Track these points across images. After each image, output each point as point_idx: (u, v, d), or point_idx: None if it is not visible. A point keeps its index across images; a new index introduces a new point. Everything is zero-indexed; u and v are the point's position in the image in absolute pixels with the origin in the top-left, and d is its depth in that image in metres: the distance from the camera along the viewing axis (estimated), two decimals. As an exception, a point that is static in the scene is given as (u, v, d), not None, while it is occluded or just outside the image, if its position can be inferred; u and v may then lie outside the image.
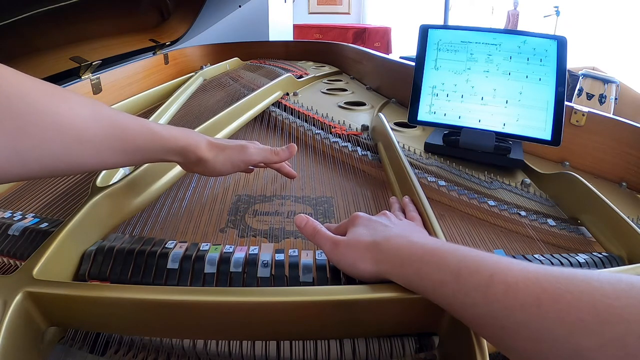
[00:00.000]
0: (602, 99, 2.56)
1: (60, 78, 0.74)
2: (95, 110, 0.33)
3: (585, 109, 0.69)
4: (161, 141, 0.39)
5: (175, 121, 0.76)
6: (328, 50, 1.44)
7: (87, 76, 0.78)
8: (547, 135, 0.61)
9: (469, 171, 0.61)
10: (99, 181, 0.45)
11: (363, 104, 0.92)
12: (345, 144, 0.67)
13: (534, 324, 0.22)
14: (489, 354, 0.27)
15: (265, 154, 0.48)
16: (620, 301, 0.20)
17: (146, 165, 0.48)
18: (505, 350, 0.25)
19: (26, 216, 0.43)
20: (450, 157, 0.66)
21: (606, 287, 0.21)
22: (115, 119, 0.34)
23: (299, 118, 0.77)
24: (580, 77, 2.70)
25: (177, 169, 0.54)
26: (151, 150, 0.38)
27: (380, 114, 0.70)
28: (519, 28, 4.29)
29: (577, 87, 2.71)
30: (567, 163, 0.71)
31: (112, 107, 0.75)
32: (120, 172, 0.52)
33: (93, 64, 0.79)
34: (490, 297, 0.24)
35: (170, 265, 0.35)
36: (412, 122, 0.69)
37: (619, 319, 0.19)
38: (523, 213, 0.51)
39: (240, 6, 1.28)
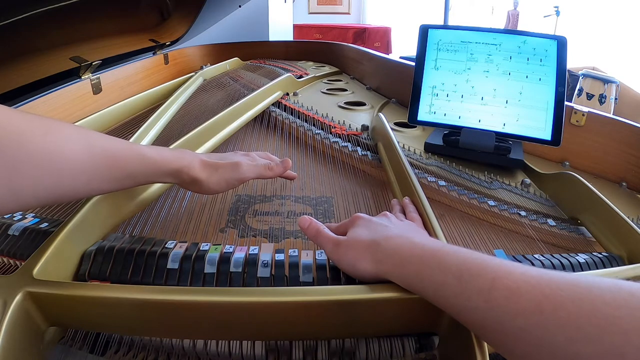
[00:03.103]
0: (602, 99, 2.56)
1: (60, 78, 0.74)
2: (89, 141, 0.33)
3: (585, 109, 0.69)
4: (154, 166, 0.39)
5: (175, 121, 0.76)
6: (328, 50, 1.44)
7: (87, 76, 0.78)
8: (547, 135, 0.61)
9: (469, 171, 0.61)
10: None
11: (363, 104, 0.92)
12: (345, 144, 0.67)
13: (535, 330, 0.22)
14: (489, 354, 0.27)
15: (259, 170, 0.48)
16: (621, 311, 0.20)
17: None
18: (505, 354, 0.25)
19: (26, 216, 0.43)
20: (450, 157, 0.66)
21: (607, 296, 0.21)
22: (107, 149, 0.34)
23: (299, 118, 0.77)
24: (580, 77, 2.69)
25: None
26: (144, 176, 0.39)
27: (380, 114, 0.70)
28: (519, 28, 4.29)
29: (577, 87, 2.71)
30: (567, 163, 0.71)
31: (112, 107, 0.76)
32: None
33: (93, 64, 0.79)
34: (492, 302, 0.24)
35: (170, 265, 0.35)
36: (412, 122, 0.69)
37: (619, 329, 0.20)
38: (523, 213, 0.51)
39: (240, 6, 1.28)
